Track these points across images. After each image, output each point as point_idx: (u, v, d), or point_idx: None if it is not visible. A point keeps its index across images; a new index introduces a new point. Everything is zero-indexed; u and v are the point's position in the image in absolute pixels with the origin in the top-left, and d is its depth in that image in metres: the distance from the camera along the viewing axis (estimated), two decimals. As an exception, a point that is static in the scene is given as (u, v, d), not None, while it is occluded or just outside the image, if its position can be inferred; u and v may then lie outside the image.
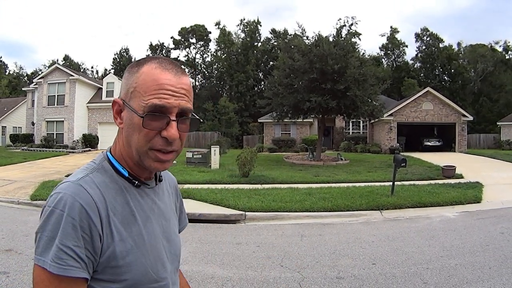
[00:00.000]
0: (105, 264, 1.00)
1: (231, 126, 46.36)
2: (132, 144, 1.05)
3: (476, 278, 4.89)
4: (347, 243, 6.84)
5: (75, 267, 0.94)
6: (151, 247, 1.09)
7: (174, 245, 1.22)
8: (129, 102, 1.04)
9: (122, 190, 1.08)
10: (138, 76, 1.04)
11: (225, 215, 8.99)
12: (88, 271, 0.97)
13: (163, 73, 1.04)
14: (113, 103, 1.09)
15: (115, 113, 1.10)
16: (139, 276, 1.04)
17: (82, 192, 0.99)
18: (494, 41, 60.44)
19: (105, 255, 0.99)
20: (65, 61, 69.75)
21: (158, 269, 1.10)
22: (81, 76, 35.31)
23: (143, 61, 1.08)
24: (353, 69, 19.09)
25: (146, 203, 1.13)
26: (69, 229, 0.94)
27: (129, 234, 1.04)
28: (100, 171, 1.08)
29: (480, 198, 10.56)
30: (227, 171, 16.06)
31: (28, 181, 13.55)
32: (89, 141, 32.06)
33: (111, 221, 1.01)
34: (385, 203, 9.72)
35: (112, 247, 1.00)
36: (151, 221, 1.12)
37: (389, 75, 49.55)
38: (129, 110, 1.04)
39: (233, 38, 63.95)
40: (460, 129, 30.51)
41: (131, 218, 1.07)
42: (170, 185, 1.35)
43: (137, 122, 1.02)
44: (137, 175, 1.13)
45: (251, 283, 4.85)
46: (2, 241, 6.62)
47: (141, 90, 1.02)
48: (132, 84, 1.05)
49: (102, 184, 1.04)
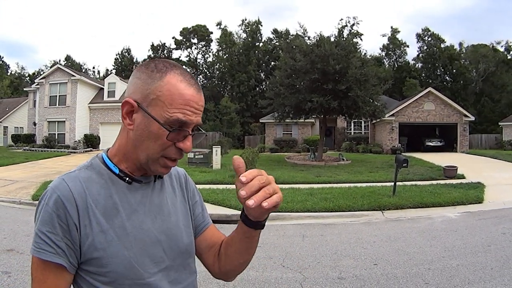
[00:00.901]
0: (88, 255, 1.03)
1: (232, 126, 46.39)
2: (143, 149, 1.07)
3: (477, 279, 4.88)
4: (348, 243, 6.84)
5: (48, 252, 0.99)
6: (135, 240, 1.08)
7: (176, 240, 1.19)
8: (147, 108, 1.04)
9: (108, 184, 1.10)
10: (162, 85, 1.04)
11: (226, 215, 8.99)
12: (69, 260, 1.01)
13: (188, 89, 1.06)
14: (124, 102, 1.07)
15: (124, 113, 1.08)
16: (122, 269, 1.04)
17: (62, 185, 1.04)
18: (496, 41, 60.41)
19: (85, 245, 1.02)
20: (67, 61, 69.83)
21: (145, 264, 1.09)
22: (83, 76, 35.33)
23: (164, 67, 1.07)
24: (355, 70, 19.06)
25: (133, 197, 1.12)
26: (46, 217, 1.01)
27: (110, 226, 1.05)
28: (88, 168, 1.13)
29: (482, 198, 10.53)
30: (228, 171, 16.04)
31: (29, 181, 13.57)
32: (91, 141, 32.11)
33: (90, 213, 1.04)
34: (386, 203, 9.71)
35: (91, 238, 1.03)
36: (137, 215, 1.11)
37: (390, 75, 49.51)
38: (146, 116, 1.04)
39: (234, 38, 63.98)
40: (462, 130, 30.47)
41: (114, 211, 1.07)
42: (178, 180, 1.35)
43: (155, 131, 1.04)
44: (131, 172, 1.14)
45: (253, 283, 4.84)
46: (4, 241, 6.63)
47: (166, 101, 1.03)
48: (154, 90, 1.04)
49: (86, 179, 1.08)
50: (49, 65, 62.55)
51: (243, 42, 62.53)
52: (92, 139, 32.27)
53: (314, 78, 19.72)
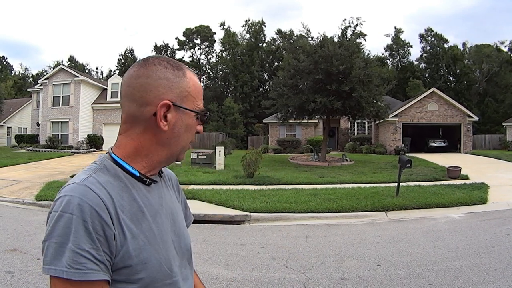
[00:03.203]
0: (120, 264, 0.98)
1: (236, 127, 46.37)
2: (180, 142, 1.15)
3: (481, 280, 4.86)
4: (352, 244, 6.82)
5: (95, 270, 0.91)
6: (162, 242, 1.09)
7: (183, 239, 1.22)
8: (183, 105, 1.12)
9: (128, 187, 1.07)
10: (188, 81, 1.14)
11: (229, 216, 8.99)
12: (109, 273, 0.96)
13: (198, 82, 1.19)
14: (162, 105, 1.07)
15: (162, 115, 1.08)
16: (154, 273, 1.03)
17: (89, 193, 0.96)
18: (500, 41, 60.13)
19: (120, 255, 0.98)
20: (70, 62, 70.04)
21: (171, 264, 1.10)
22: (86, 77, 35.46)
23: (177, 65, 1.16)
24: (358, 70, 19.03)
25: (153, 198, 1.12)
26: (82, 231, 0.91)
27: (140, 231, 1.03)
28: (102, 171, 1.06)
29: (486, 199, 10.49)
30: (232, 172, 16.06)
31: (33, 182, 13.61)
32: (94, 142, 32.21)
33: (121, 220, 1.00)
34: (390, 204, 9.68)
35: (126, 246, 0.99)
36: (160, 216, 1.12)
37: (394, 75, 49.54)
38: (182, 111, 1.12)
39: (237, 39, 63.96)
40: (466, 130, 30.37)
41: (140, 214, 1.05)
42: (170, 180, 1.35)
43: (192, 123, 1.15)
44: (146, 173, 1.13)
45: (256, 284, 4.84)
46: (7, 241, 6.66)
47: (194, 95, 1.15)
48: (185, 88, 1.13)
49: (106, 183, 1.02)
50: (53, 66, 62.77)
51: (246, 43, 62.50)
52: (95, 139, 32.37)
53: (317, 78, 19.70)
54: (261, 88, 59.83)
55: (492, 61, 55.61)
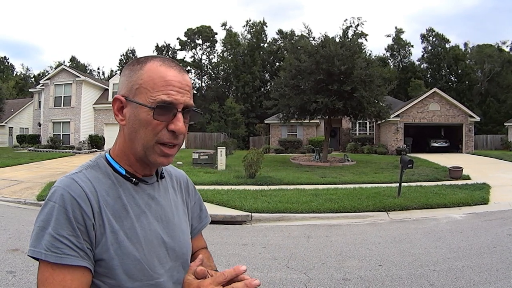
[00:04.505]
0: (98, 256, 1.01)
1: (237, 127, 46.30)
2: (138, 139, 1.08)
3: (483, 280, 4.85)
4: (353, 244, 6.82)
5: (72, 256, 0.95)
6: (145, 241, 1.09)
7: (178, 242, 1.20)
8: (134, 98, 1.07)
9: (115, 185, 1.10)
10: (143, 73, 1.08)
11: (231, 216, 8.97)
12: (92, 261, 0.99)
13: (168, 70, 1.08)
14: (114, 100, 1.11)
15: (116, 110, 1.12)
16: (133, 270, 1.04)
17: (73, 185, 1.02)
18: (501, 41, 60.18)
19: (99, 246, 1.01)
20: (72, 62, 70.08)
21: (154, 265, 1.10)
22: (88, 77, 35.52)
23: (144, 59, 1.11)
24: (360, 70, 19.03)
25: (141, 198, 1.13)
26: (63, 219, 0.97)
27: (120, 227, 1.05)
28: (94, 168, 1.12)
29: (487, 199, 10.48)
30: (233, 172, 16.06)
31: (34, 182, 13.63)
32: (95, 142, 32.23)
33: (103, 213, 1.03)
34: (391, 204, 9.68)
35: (104, 238, 1.02)
36: (146, 216, 1.12)
37: (395, 76, 49.52)
38: (134, 105, 1.07)
39: (239, 39, 63.93)
40: (467, 130, 30.32)
41: (123, 212, 1.08)
42: (178, 182, 1.36)
43: (144, 117, 1.05)
44: (136, 172, 1.15)
45: (257, 284, 4.82)
46: (9, 241, 6.66)
47: (148, 87, 1.06)
48: (136, 81, 1.08)
49: (94, 179, 1.07)
50: (54, 66, 62.95)
51: (247, 43, 62.42)
52: (97, 139, 32.39)
53: (319, 78, 19.69)
54: (263, 88, 59.74)
55: (493, 61, 55.56)
